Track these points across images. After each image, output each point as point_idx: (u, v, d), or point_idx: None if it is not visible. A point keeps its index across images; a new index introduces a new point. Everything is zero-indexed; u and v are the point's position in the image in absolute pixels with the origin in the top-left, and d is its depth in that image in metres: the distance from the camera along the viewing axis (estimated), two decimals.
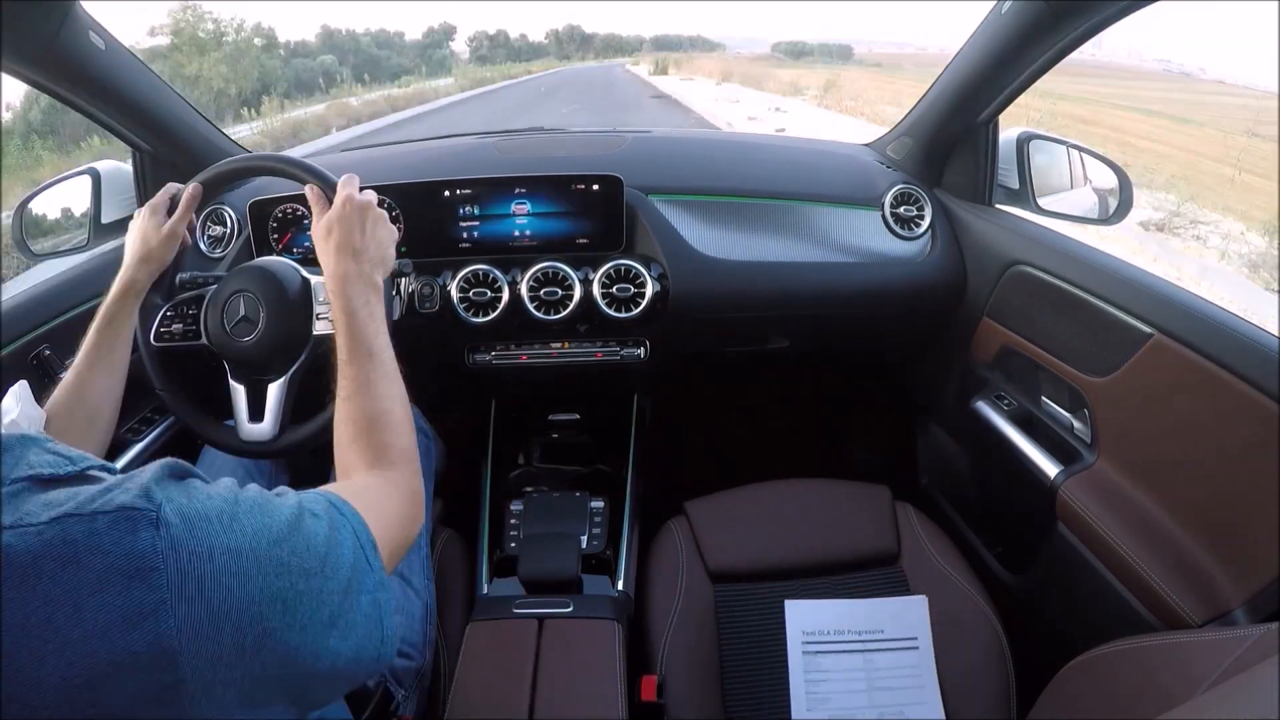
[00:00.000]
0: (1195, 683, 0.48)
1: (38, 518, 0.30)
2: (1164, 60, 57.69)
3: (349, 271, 0.65)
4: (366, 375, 0.60)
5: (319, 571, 0.38)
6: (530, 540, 0.96)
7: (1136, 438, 0.79)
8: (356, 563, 0.42)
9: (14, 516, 0.30)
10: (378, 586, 0.43)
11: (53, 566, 0.29)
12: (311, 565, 0.38)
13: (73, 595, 0.29)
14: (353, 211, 0.67)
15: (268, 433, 0.77)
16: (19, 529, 0.29)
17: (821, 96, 16.72)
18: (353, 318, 0.63)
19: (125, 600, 0.30)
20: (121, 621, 0.29)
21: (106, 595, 0.29)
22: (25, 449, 0.34)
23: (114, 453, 0.93)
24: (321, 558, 0.39)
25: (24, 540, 0.29)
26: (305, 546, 0.38)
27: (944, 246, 1.07)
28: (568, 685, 0.76)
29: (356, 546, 0.42)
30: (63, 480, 0.33)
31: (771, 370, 1.35)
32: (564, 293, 1.00)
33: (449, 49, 67.84)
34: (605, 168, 1.00)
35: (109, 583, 0.30)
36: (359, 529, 0.44)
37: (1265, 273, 5.07)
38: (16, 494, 0.31)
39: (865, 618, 0.84)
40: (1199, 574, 0.70)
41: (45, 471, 0.33)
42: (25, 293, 0.89)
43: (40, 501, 0.31)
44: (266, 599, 0.34)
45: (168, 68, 22.91)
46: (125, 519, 0.31)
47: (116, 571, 0.30)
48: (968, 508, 1.17)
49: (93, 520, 0.30)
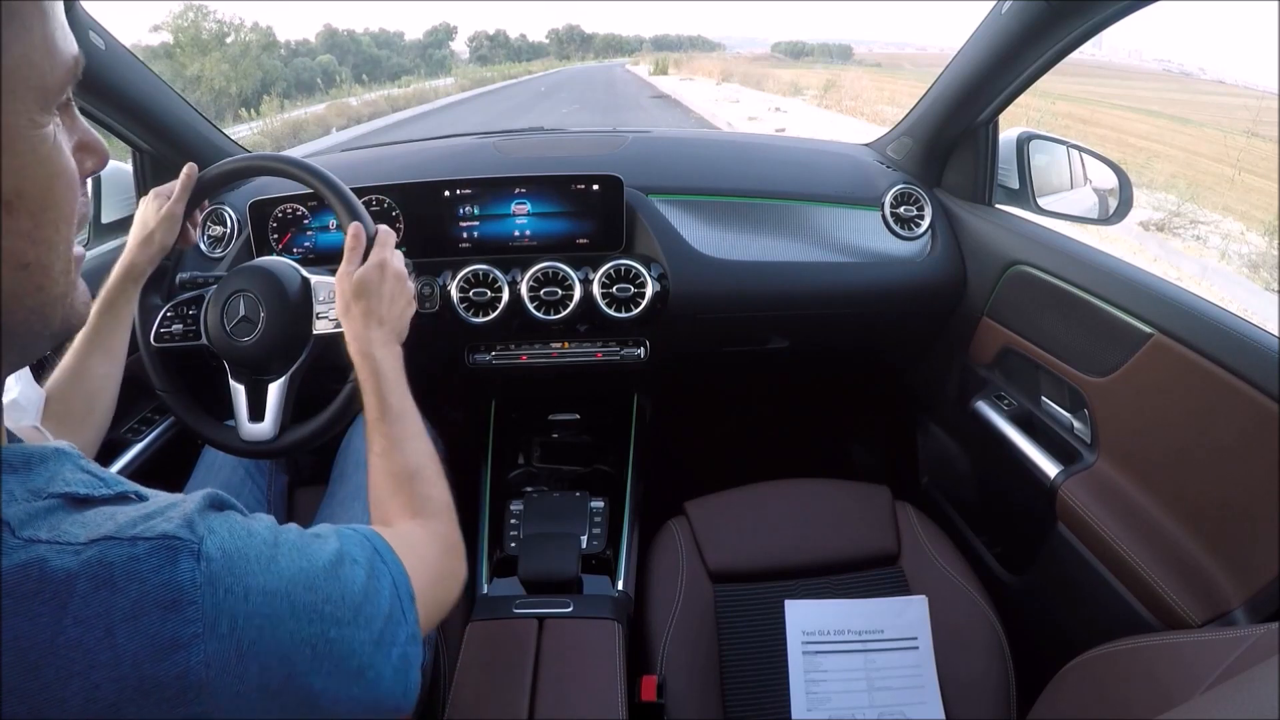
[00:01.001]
0: (1195, 683, 0.48)
1: (76, 538, 0.29)
2: (1164, 60, 57.75)
3: (375, 338, 0.66)
4: (400, 434, 0.61)
5: (351, 620, 0.37)
6: (530, 540, 0.96)
7: (1136, 438, 0.79)
8: (392, 613, 0.41)
9: (51, 533, 0.29)
10: (410, 640, 0.42)
11: (87, 587, 0.29)
12: (345, 614, 0.37)
13: (105, 619, 0.28)
14: (385, 279, 0.68)
15: (268, 433, 0.76)
16: (57, 545, 0.29)
17: (821, 97, 16.72)
18: (382, 380, 0.63)
19: (159, 630, 0.29)
20: (152, 650, 0.29)
21: (140, 623, 0.29)
22: (60, 464, 0.33)
23: (114, 453, 0.93)
24: (356, 607, 0.38)
25: (61, 558, 0.29)
26: (340, 594, 0.37)
27: (944, 246, 1.08)
28: (568, 685, 0.76)
29: (394, 597, 0.42)
30: (97, 501, 0.32)
31: (772, 370, 1.35)
32: (564, 293, 0.99)
33: (449, 49, 67.90)
34: (605, 168, 1.00)
35: (144, 611, 0.29)
36: (399, 578, 0.43)
37: (1265, 273, 5.07)
38: (51, 510, 0.30)
39: (865, 618, 0.84)
40: (1199, 574, 0.70)
41: (80, 491, 0.32)
42: None
43: (76, 521, 0.30)
44: (296, 644, 0.34)
45: (169, 67, 22.94)
46: (166, 548, 0.30)
47: (152, 600, 0.29)
48: (968, 508, 1.17)
49: (133, 545, 0.30)
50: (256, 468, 0.92)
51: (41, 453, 0.33)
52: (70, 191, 0.32)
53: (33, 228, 0.30)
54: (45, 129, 0.30)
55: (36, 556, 0.28)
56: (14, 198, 0.29)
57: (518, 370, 1.07)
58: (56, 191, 0.31)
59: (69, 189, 0.32)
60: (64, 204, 0.32)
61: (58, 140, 0.31)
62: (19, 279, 0.30)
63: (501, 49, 79.86)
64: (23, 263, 0.30)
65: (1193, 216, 6.24)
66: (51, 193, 0.31)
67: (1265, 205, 6.46)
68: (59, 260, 0.32)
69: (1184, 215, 6.23)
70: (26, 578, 0.28)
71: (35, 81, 0.29)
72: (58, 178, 0.31)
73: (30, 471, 0.32)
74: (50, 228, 0.31)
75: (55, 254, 0.31)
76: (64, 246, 0.32)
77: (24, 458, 0.32)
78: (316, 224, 1.03)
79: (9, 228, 0.29)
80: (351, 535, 0.43)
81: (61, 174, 0.31)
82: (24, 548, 0.28)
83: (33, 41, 0.29)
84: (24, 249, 0.30)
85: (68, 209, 0.32)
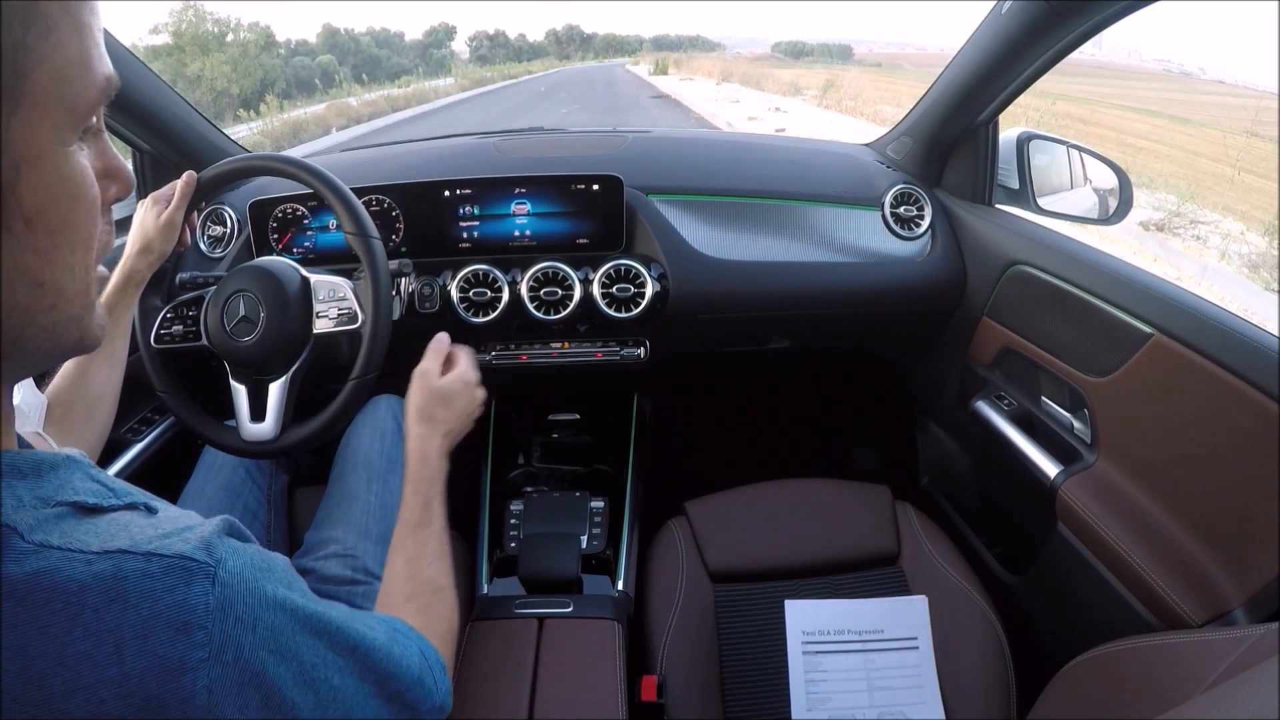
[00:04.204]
0: (1195, 683, 0.48)
1: (89, 546, 0.29)
2: (1164, 60, 57.75)
3: (441, 448, 0.68)
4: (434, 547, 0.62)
5: (361, 672, 0.38)
6: (530, 540, 0.96)
7: (1136, 438, 0.79)
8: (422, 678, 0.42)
9: (63, 540, 0.29)
10: (435, 710, 0.43)
11: (99, 600, 0.28)
12: (356, 667, 0.38)
13: (115, 635, 0.28)
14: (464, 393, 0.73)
15: (269, 433, 0.77)
16: (69, 553, 0.29)
17: (821, 97, 16.72)
18: (432, 487, 0.65)
19: (167, 651, 0.29)
20: (159, 671, 0.29)
21: (149, 642, 0.29)
22: (70, 472, 0.33)
23: (114, 453, 0.93)
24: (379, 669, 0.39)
25: (73, 567, 0.28)
26: (356, 646, 0.38)
27: (944, 246, 1.08)
28: (568, 685, 0.76)
29: (423, 661, 0.43)
30: (107, 510, 0.32)
31: (772, 370, 1.35)
32: (564, 293, 0.99)
33: (449, 49, 67.90)
34: (605, 168, 1.00)
35: (154, 630, 0.29)
36: (425, 647, 0.45)
37: (1265, 272, 5.07)
38: (60, 517, 0.30)
39: (865, 618, 0.84)
40: (1199, 574, 0.70)
41: (89, 500, 0.32)
42: None
43: (88, 529, 0.30)
44: (299, 685, 0.34)
45: (169, 67, 22.93)
46: (182, 568, 0.30)
47: (164, 621, 0.29)
48: (968, 508, 1.17)
49: (148, 561, 0.30)
50: (257, 467, 0.92)
51: (52, 460, 0.33)
52: (90, 216, 0.31)
53: (50, 247, 0.30)
54: (71, 149, 0.30)
55: (49, 565, 0.28)
56: (34, 215, 0.29)
57: (518, 370, 1.07)
58: (77, 214, 0.31)
59: (89, 213, 0.31)
60: (83, 227, 0.31)
61: (83, 163, 0.31)
62: (33, 296, 0.30)
63: (501, 49, 79.87)
64: (38, 281, 0.30)
65: (1193, 216, 6.24)
66: (72, 215, 0.30)
67: (1265, 205, 6.46)
68: (74, 282, 0.31)
69: (1184, 215, 6.23)
70: (38, 586, 0.28)
71: (67, 101, 0.29)
72: (79, 201, 0.31)
73: (40, 478, 0.31)
74: (67, 249, 0.31)
75: (71, 276, 0.31)
76: (80, 270, 0.32)
77: (34, 464, 0.32)
78: (316, 224, 1.03)
79: (27, 244, 0.29)
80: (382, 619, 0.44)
81: (83, 198, 0.31)
82: (36, 553, 0.28)
83: (68, 58, 0.29)
84: (40, 267, 0.29)
85: (86, 233, 0.32)
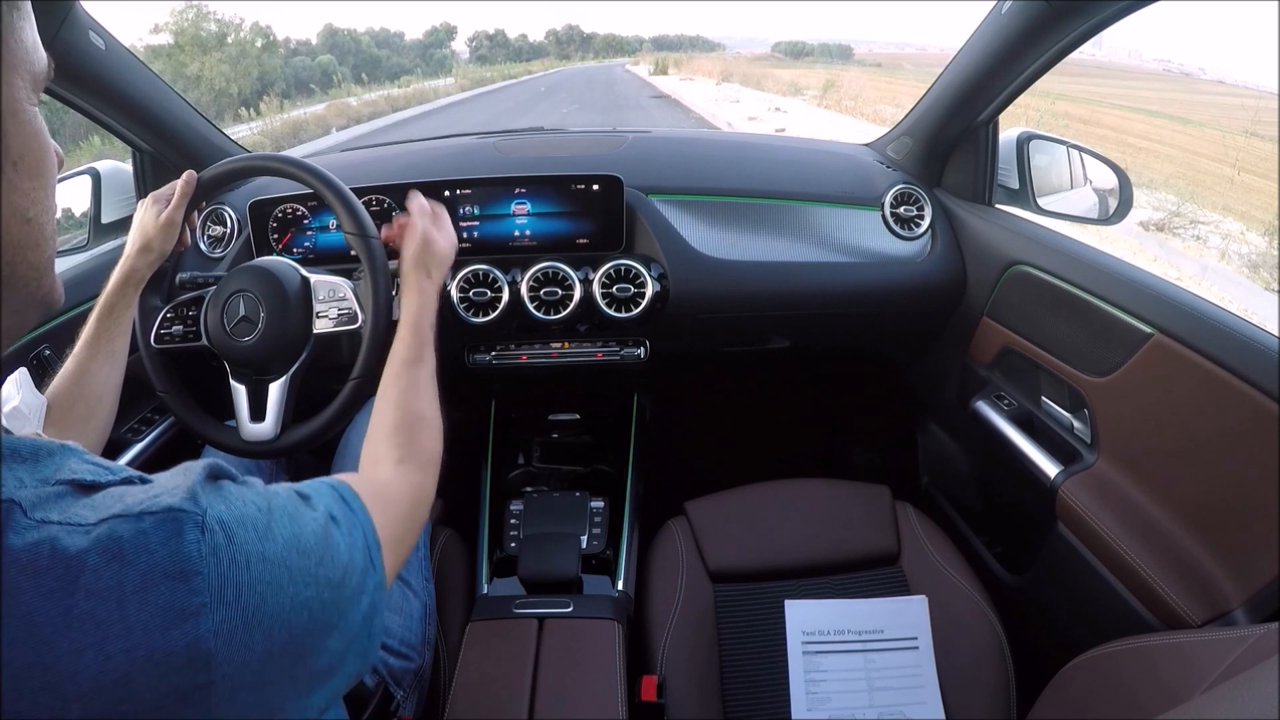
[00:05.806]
0: (1195, 683, 0.48)
1: (86, 519, 0.31)
2: (1164, 60, 57.75)
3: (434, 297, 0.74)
4: (421, 378, 0.67)
5: (340, 581, 0.39)
6: (530, 540, 0.96)
7: (1136, 438, 0.79)
8: (365, 565, 0.43)
9: (63, 515, 0.31)
10: (376, 588, 0.44)
11: (98, 561, 0.30)
12: (335, 575, 0.39)
13: (117, 591, 0.30)
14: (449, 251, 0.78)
15: (269, 433, 0.77)
16: (68, 526, 0.30)
17: (821, 97, 16.71)
18: (429, 331, 0.71)
19: (169, 600, 0.30)
20: (162, 621, 0.30)
21: (150, 594, 0.30)
22: (66, 456, 0.35)
23: (114, 452, 0.93)
24: (344, 566, 0.40)
25: (72, 538, 0.30)
26: (331, 557, 0.39)
27: (944, 246, 1.08)
28: (568, 685, 0.76)
29: (365, 548, 0.44)
30: (104, 485, 0.34)
31: (772, 370, 1.35)
32: (564, 293, 1.00)
33: (449, 49, 67.89)
34: (605, 168, 1.00)
35: (153, 582, 0.30)
36: (368, 530, 0.45)
37: (1265, 273, 5.07)
38: (60, 495, 0.32)
39: (865, 618, 0.84)
40: (1199, 574, 0.70)
41: (86, 478, 0.33)
42: None
43: (86, 505, 0.32)
44: (295, 608, 0.35)
45: (169, 67, 22.93)
46: (171, 520, 0.32)
47: (161, 571, 0.30)
48: (968, 508, 1.17)
49: (140, 520, 0.31)
50: (256, 467, 0.92)
51: (49, 446, 0.34)
52: (53, 167, 0.36)
53: (32, 189, 0.34)
54: (35, 108, 0.35)
55: (48, 536, 0.29)
56: (18, 158, 0.33)
57: (518, 370, 1.07)
58: (48, 162, 0.36)
59: (53, 165, 0.36)
60: (51, 175, 0.36)
61: (44, 122, 0.36)
62: (25, 232, 0.34)
63: (501, 49, 79.85)
64: (26, 217, 0.34)
65: (1193, 216, 6.24)
66: (45, 161, 0.35)
67: (1265, 205, 6.46)
68: (49, 225, 0.36)
69: (1184, 215, 6.23)
70: (38, 555, 0.29)
71: (32, 67, 0.35)
72: (47, 152, 0.36)
73: (39, 462, 0.33)
74: (44, 192, 0.35)
75: (48, 216, 0.36)
76: (51, 215, 0.36)
77: (32, 449, 0.33)
78: (316, 224, 1.03)
79: (15, 185, 0.33)
80: (328, 491, 0.45)
81: (49, 149, 0.36)
82: (36, 528, 0.30)
83: (32, 32, 0.35)
84: (26, 205, 0.34)
85: (52, 181, 0.36)
